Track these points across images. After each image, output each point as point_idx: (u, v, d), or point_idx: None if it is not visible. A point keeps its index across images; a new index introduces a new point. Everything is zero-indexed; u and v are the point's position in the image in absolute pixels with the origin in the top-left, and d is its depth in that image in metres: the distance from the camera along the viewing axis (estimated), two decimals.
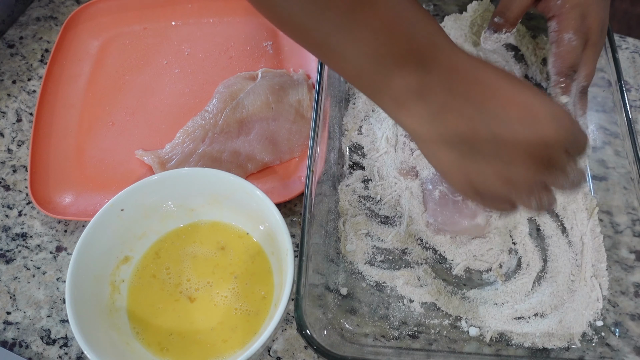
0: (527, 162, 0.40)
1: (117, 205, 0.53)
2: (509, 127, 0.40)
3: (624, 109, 0.57)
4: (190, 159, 0.64)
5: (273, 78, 0.67)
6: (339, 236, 0.58)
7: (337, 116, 0.64)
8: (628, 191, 0.56)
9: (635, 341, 0.51)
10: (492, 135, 0.40)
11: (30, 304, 0.59)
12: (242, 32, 0.75)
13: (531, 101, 0.40)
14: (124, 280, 0.54)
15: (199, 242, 0.56)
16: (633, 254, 0.55)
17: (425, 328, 0.53)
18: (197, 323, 0.51)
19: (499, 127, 0.40)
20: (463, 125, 0.40)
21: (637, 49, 0.72)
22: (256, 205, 0.52)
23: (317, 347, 0.47)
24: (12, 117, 0.72)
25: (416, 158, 0.59)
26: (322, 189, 0.57)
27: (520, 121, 0.40)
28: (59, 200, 0.63)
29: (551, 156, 0.41)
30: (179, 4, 0.77)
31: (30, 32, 0.79)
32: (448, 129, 0.41)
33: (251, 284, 0.53)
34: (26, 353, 0.56)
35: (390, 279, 0.55)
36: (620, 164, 0.58)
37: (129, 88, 0.72)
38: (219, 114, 0.65)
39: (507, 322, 0.53)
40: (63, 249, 0.62)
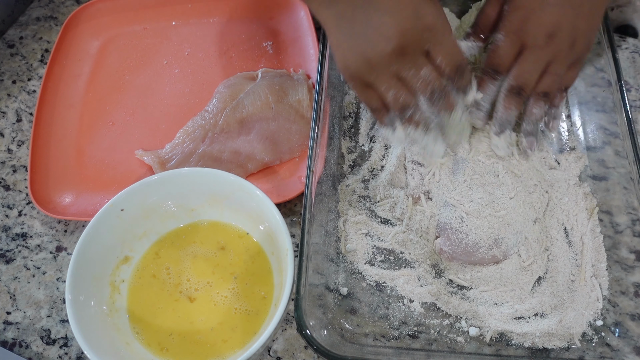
0: (384, 46, 0.47)
1: (117, 205, 0.53)
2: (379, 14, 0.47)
3: (624, 109, 0.57)
4: (190, 159, 0.64)
5: (273, 78, 0.67)
6: (339, 236, 0.58)
7: (337, 116, 0.64)
8: (628, 191, 0.56)
9: (635, 341, 0.51)
10: (365, 19, 0.48)
11: (30, 304, 0.59)
12: (242, 32, 0.75)
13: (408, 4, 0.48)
14: (124, 280, 0.54)
15: (199, 242, 0.56)
16: (633, 254, 0.55)
17: (425, 328, 0.53)
18: (197, 323, 0.51)
19: (372, 13, 0.47)
20: (347, 9, 0.49)
21: (637, 49, 0.72)
22: (256, 205, 0.52)
23: (317, 347, 0.47)
24: (12, 117, 0.72)
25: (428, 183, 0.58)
26: (322, 189, 0.57)
27: (388, 10, 0.47)
28: (59, 200, 0.63)
29: (405, 46, 0.48)
30: (179, 4, 0.77)
31: (30, 32, 0.79)
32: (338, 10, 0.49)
33: (251, 284, 0.53)
34: (26, 353, 0.56)
35: (390, 278, 0.55)
36: (620, 164, 0.58)
37: (129, 88, 0.72)
38: (219, 114, 0.65)
39: (507, 322, 0.53)
40: (63, 249, 0.62)
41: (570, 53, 0.55)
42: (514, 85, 0.55)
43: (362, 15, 0.48)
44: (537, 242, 0.56)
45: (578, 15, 0.54)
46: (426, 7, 0.48)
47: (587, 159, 0.61)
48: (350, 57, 0.50)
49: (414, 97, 0.51)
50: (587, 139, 0.62)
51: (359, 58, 0.49)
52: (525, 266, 0.54)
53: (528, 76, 0.54)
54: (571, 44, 0.54)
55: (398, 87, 0.50)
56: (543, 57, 0.54)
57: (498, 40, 0.55)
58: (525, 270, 0.55)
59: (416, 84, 0.50)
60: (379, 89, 0.51)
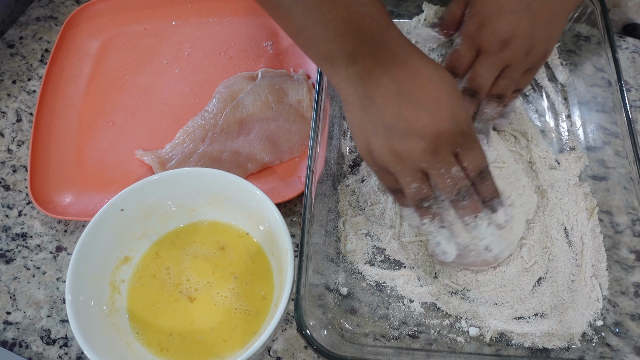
0: (417, 143, 0.46)
1: (117, 205, 0.53)
2: (413, 108, 0.46)
3: (624, 109, 0.57)
4: (190, 159, 0.64)
5: (273, 78, 0.67)
6: (339, 236, 0.58)
7: (337, 116, 0.64)
8: (628, 191, 0.56)
9: (635, 341, 0.51)
10: (398, 109, 0.46)
11: (30, 304, 0.59)
12: (242, 32, 0.75)
13: (442, 96, 0.47)
14: (124, 280, 0.54)
15: (199, 242, 0.56)
16: (633, 254, 0.55)
17: (425, 328, 0.53)
18: (197, 323, 0.51)
19: (405, 105, 0.46)
20: (378, 94, 0.47)
21: (637, 49, 0.72)
22: (256, 205, 0.52)
23: (317, 347, 0.47)
24: (12, 117, 0.72)
25: None
26: (322, 189, 0.57)
27: (424, 107, 0.46)
28: (59, 200, 0.63)
29: (439, 146, 0.46)
30: (179, 4, 0.77)
31: (30, 32, 0.79)
32: (366, 93, 0.47)
33: (251, 284, 0.53)
34: (26, 353, 0.56)
35: (390, 278, 0.55)
36: (620, 164, 0.58)
37: (129, 88, 0.72)
38: (219, 114, 0.65)
39: (507, 322, 0.53)
40: (63, 249, 0.62)
41: (526, 59, 0.56)
42: (468, 87, 0.56)
43: (394, 104, 0.47)
44: (538, 243, 0.56)
45: (535, 23, 0.54)
46: (461, 112, 0.47)
47: (587, 159, 0.61)
48: (376, 144, 0.48)
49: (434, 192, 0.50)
50: (587, 139, 0.63)
51: (386, 148, 0.48)
52: (527, 267, 0.54)
53: (481, 80, 0.55)
54: (527, 51, 0.55)
55: (421, 182, 0.49)
56: (497, 63, 0.55)
57: (456, 44, 0.57)
58: (527, 272, 0.55)
59: (443, 183, 0.48)
60: (402, 179, 0.49)
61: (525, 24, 0.54)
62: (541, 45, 0.56)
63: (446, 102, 0.47)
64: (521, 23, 0.54)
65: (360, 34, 0.46)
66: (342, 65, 0.47)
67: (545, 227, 0.57)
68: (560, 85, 0.67)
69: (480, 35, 0.55)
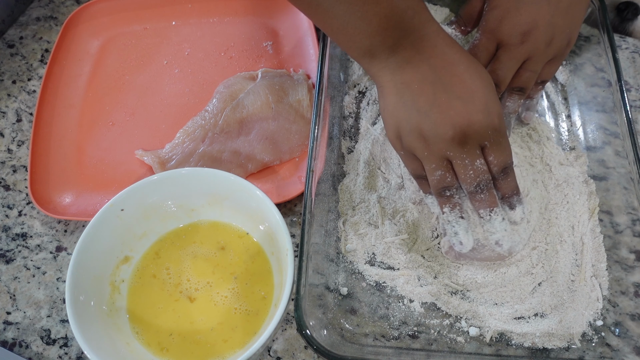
0: (447, 131, 0.47)
1: (117, 205, 0.53)
2: (448, 96, 0.47)
3: (624, 109, 0.57)
4: (190, 159, 0.64)
5: (273, 78, 0.67)
6: (339, 236, 0.58)
7: (337, 116, 0.64)
8: (628, 191, 0.56)
9: (635, 341, 0.51)
10: (433, 96, 0.47)
11: (30, 304, 0.59)
12: (242, 32, 0.75)
13: (478, 89, 0.47)
14: (124, 280, 0.54)
15: (199, 242, 0.56)
16: (633, 254, 0.55)
17: (425, 328, 0.53)
18: (197, 323, 0.51)
19: (440, 92, 0.47)
20: (415, 81, 0.48)
21: (637, 49, 0.72)
22: (256, 205, 0.52)
23: (317, 347, 0.47)
24: (12, 117, 0.72)
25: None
26: (322, 189, 0.57)
27: (459, 96, 0.47)
28: (59, 200, 0.63)
29: (468, 136, 0.47)
30: (179, 4, 0.77)
31: (30, 32, 0.79)
32: (403, 79, 0.48)
33: (251, 284, 0.53)
34: (26, 353, 0.56)
35: (390, 278, 0.55)
36: (620, 164, 0.58)
37: (129, 88, 0.72)
38: (219, 114, 0.65)
39: (507, 322, 0.53)
40: (63, 249, 0.62)
41: (547, 50, 0.56)
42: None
43: (429, 91, 0.47)
44: (543, 243, 0.56)
45: (555, 12, 0.54)
46: (494, 105, 0.48)
47: (587, 159, 0.61)
48: (406, 128, 0.49)
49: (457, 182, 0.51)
50: (587, 139, 0.63)
51: (416, 133, 0.48)
52: (531, 271, 0.54)
53: (501, 73, 0.55)
54: (548, 42, 0.55)
55: (446, 170, 0.49)
56: (518, 55, 0.55)
57: (475, 38, 0.57)
58: (530, 274, 0.55)
59: (465, 174, 0.49)
60: (427, 165, 0.50)
61: (544, 14, 0.54)
62: (562, 34, 0.55)
63: (481, 94, 0.47)
64: (540, 14, 0.54)
65: (402, 27, 0.47)
66: (383, 57, 0.48)
67: (550, 226, 0.57)
68: (560, 85, 0.67)
69: (500, 29, 0.55)
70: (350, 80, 0.67)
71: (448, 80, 0.47)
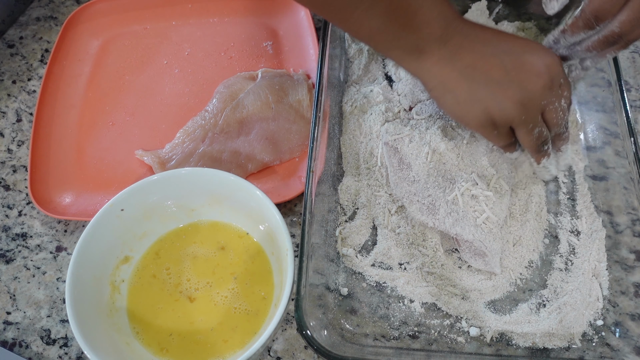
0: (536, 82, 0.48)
1: (117, 205, 0.52)
2: (516, 55, 0.49)
3: (624, 109, 0.57)
4: (190, 159, 0.64)
5: (273, 78, 0.67)
6: (336, 239, 0.58)
7: (337, 116, 0.64)
8: (628, 191, 0.56)
9: (635, 341, 0.51)
10: (503, 63, 0.48)
11: (30, 304, 0.59)
12: (242, 32, 0.75)
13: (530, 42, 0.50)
14: (124, 280, 0.54)
15: (199, 242, 0.56)
16: (633, 254, 0.55)
17: (425, 328, 0.53)
18: (197, 323, 0.51)
19: (507, 58, 0.48)
20: (478, 59, 0.49)
21: (637, 49, 0.72)
22: (256, 205, 0.52)
23: (318, 347, 0.47)
24: (12, 117, 0.72)
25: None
26: (322, 189, 0.57)
27: (524, 51, 0.49)
28: (59, 200, 0.63)
29: (553, 78, 0.49)
30: (179, 4, 0.77)
31: (30, 32, 0.79)
32: (465, 64, 0.49)
33: (251, 284, 0.53)
34: (26, 353, 0.56)
35: (391, 279, 0.55)
36: (620, 164, 0.58)
37: (129, 88, 0.72)
38: (219, 114, 0.65)
39: (507, 322, 0.53)
40: (63, 249, 0.62)
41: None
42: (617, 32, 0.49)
43: (497, 62, 0.48)
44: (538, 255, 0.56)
45: None
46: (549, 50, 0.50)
47: (587, 159, 0.61)
48: (496, 105, 0.49)
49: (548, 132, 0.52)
50: (587, 139, 0.62)
51: (509, 102, 0.48)
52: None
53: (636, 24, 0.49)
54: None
55: (542, 125, 0.51)
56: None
57: None
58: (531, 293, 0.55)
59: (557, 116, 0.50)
60: (525, 127, 0.50)
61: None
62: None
63: (537, 44, 0.50)
64: None
65: (446, 15, 0.48)
66: (434, 49, 0.48)
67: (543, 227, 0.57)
68: None
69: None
70: (350, 80, 0.67)
71: (505, 47, 0.49)
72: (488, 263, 0.54)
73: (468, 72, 0.49)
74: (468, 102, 0.50)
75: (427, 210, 0.55)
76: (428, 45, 0.48)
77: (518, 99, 0.48)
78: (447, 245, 0.56)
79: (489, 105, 0.49)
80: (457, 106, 0.50)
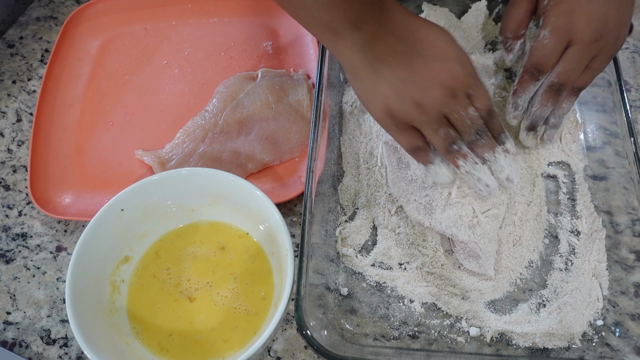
0: (437, 90, 0.48)
1: (117, 205, 0.52)
2: (427, 59, 0.48)
3: (624, 109, 0.57)
4: (190, 159, 0.64)
5: (273, 78, 0.67)
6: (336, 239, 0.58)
7: (337, 116, 0.64)
8: (628, 191, 0.56)
9: (635, 341, 0.51)
10: (411, 64, 0.48)
11: (30, 304, 0.59)
12: (242, 32, 0.75)
13: (446, 45, 0.49)
14: (124, 280, 0.54)
15: (199, 242, 0.56)
16: (633, 254, 0.55)
17: (425, 328, 0.53)
18: (197, 323, 0.51)
19: (416, 58, 0.48)
20: (389, 54, 0.48)
21: (637, 49, 0.72)
22: (256, 205, 0.52)
23: (318, 347, 0.47)
24: (12, 117, 0.72)
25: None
26: (322, 189, 0.57)
27: (434, 57, 0.48)
28: (59, 200, 0.63)
29: (456, 89, 0.48)
30: (179, 4, 0.77)
31: (30, 32, 0.79)
32: (375, 55, 0.49)
33: (251, 284, 0.53)
34: (26, 353, 0.56)
35: (391, 279, 0.55)
36: (620, 164, 0.58)
37: (129, 88, 0.72)
38: (219, 114, 0.65)
39: (507, 322, 0.53)
40: (63, 249, 0.62)
41: (615, 46, 0.53)
42: (556, 83, 0.53)
43: (405, 60, 0.48)
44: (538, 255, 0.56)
45: (620, 4, 0.52)
46: (464, 55, 0.50)
47: (587, 159, 0.61)
48: (396, 101, 0.49)
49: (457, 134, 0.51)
50: (587, 139, 0.62)
51: (409, 102, 0.49)
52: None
53: (571, 74, 0.53)
54: (616, 37, 0.53)
55: (447, 126, 0.50)
56: (589, 53, 0.52)
57: (543, 37, 0.53)
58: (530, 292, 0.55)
59: (463, 125, 0.50)
60: (428, 129, 0.50)
61: (613, 7, 0.52)
62: (625, 28, 0.53)
63: (451, 50, 0.49)
64: (610, 7, 0.52)
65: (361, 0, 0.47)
66: (347, 33, 0.48)
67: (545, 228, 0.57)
68: None
69: (572, 25, 0.51)
70: None
71: (419, 46, 0.48)
72: (482, 265, 0.54)
73: (376, 64, 0.49)
74: (372, 93, 0.50)
75: (423, 209, 0.55)
76: (341, 28, 0.48)
77: (417, 101, 0.48)
78: (447, 245, 0.56)
79: (390, 101, 0.49)
80: (363, 95, 0.51)
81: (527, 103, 0.56)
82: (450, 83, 0.48)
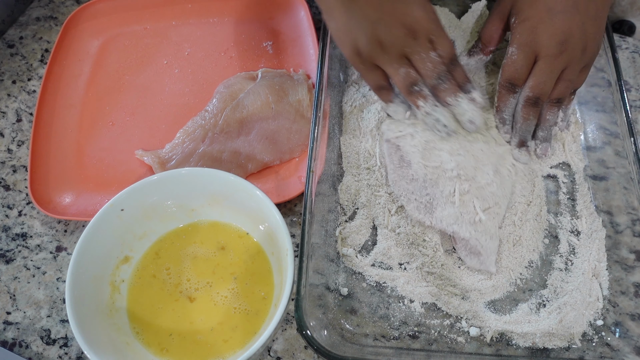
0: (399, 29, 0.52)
1: (117, 205, 0.53)
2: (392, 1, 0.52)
3: (624, 109, 0.57)
4: (190, 159, 0.64)
5: (273, 78, 0.67)
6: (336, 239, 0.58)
7: (337, 116, 0.64)
8: (628, 191, 0.56)
9: (635, 341, 0.51)
10: (379, 5, 0.52)
11: (30, 304, 0.59)
12: (242, 32, 0.75)
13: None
14: (124, 280, 0.54)
15: (199, 242, 0.56)
16: (633, 254, 0.55)
17: (425, 328, 0.53)
18: (197, 323, 0.51)
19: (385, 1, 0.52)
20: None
21: (637, 49, 0.72)
22: (256, 205, 0.52)
23: (318, 347, 0.47)
24: (12, 117, 0.72)
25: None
26: (322, 189, 0.57)
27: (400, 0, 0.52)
28: (59, 200, 0.63)
29: (416, 31, 0.53)
30: (179, 4, 0.77)
31: (30, 32, 0.79)
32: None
33: (251, 284, 0.53)
34: (26, 353, 0.56)
35: (391, 279, 0.55)
36: (620, 164, 0.58)
37: (129, 88, 0.72)
38: (219, 114, 0.65)
39: (507, 322, 0.53)
40: (63, 249, 0.62)
41: (582, 58, 0.56)
42: (531, 96, 0.56)
43: (376, 3, 0.52)
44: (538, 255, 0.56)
45: (586, 19, 0.55)
46: (429, 5, 0.54)
47: (587, 159, 0.61)
48: (363, 40, 0.53)
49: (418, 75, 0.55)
50: (587, 139, 0.63)
51: (374, 41, 0.53)
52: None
53: (543, 86, 0.56)
54: (583, 49, 0.55)
55: (408, 66, 0.54)
56: (557, 66, 0.55)
57: (512, 53, 0.56)
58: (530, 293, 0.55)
59: (425, 67, 0.53)
60: (390, 67, 0.54)
61: (577, 22, 0.54)
62: (594, 40, 0.56)
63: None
64: (574, 22, 0.54)
65: None
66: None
67: (545, 228, 0.57)
68: None
69: (537, 40, 0.55)
70: (350, 80, 0.67)
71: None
72: (483, 262, 0.54)
73: (349, 4, 0.53)
74: (343, 31, 0.55)
75: (424, 208, 0.55)
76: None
77: (380, 40, 0.53)
78: (447, 245, 0.56)
79: (357, 38, 0.54)
80: (336, 33, 0.56)
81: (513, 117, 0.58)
82: (412, 24, 0.52)
